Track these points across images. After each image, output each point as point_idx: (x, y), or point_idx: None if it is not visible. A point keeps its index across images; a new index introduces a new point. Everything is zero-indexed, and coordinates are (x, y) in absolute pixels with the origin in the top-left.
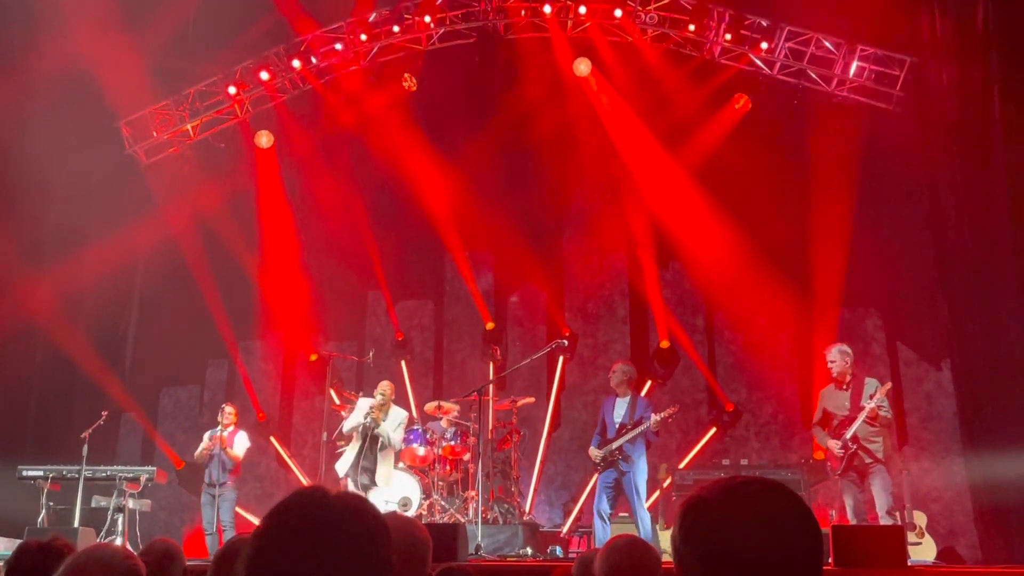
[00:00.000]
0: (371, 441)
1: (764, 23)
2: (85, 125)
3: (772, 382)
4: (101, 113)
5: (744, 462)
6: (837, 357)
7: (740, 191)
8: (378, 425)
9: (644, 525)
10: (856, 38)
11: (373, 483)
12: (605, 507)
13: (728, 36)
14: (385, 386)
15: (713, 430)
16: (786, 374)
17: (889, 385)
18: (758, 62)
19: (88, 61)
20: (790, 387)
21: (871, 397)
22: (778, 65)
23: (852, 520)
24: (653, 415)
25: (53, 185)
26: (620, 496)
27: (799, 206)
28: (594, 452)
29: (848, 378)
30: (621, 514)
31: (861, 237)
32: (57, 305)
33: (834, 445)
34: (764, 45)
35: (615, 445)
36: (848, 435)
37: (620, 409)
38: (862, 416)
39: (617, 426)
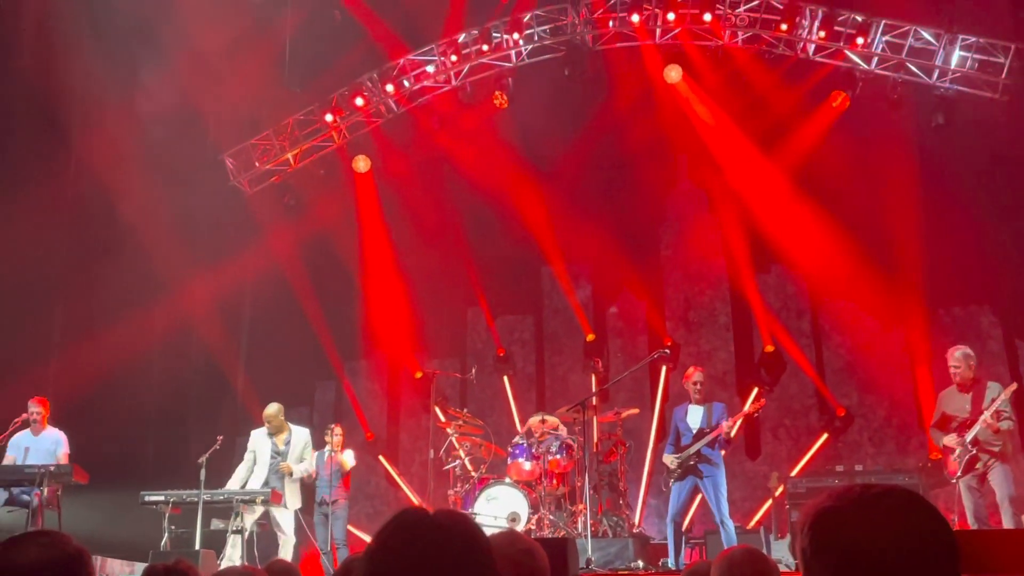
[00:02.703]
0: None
1: (859, 18)
2: (190, 159)
3: (884, 384)
4: (205, 147)
5: (859, 468)
6: (960, 361)
7: (841, 190)
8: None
9: (729, 534)
10: (956, 27)
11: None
12: (680, 516)
13: (822, 33)
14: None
15: (824, 436)
16: (899, 375)
17: (1014, 386)
18: (854, 58)
19: (190, 98)
20: (904, 388)
21: (993, 401)
22: (875, 59)
23: (973, 524)
24: (726, 419)
25: (162, 219)
26: (691, 504)
27: (904, 202)
28: (669, 458)
29: (970, 381)
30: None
31: (972, 230)
32: (170, 334)
33: (951, 440)
34: (860, 40)
35: (693, 450)
36: (968, 438)
37: (695, 415)
38: (982, 419)
39: (695, 432)
